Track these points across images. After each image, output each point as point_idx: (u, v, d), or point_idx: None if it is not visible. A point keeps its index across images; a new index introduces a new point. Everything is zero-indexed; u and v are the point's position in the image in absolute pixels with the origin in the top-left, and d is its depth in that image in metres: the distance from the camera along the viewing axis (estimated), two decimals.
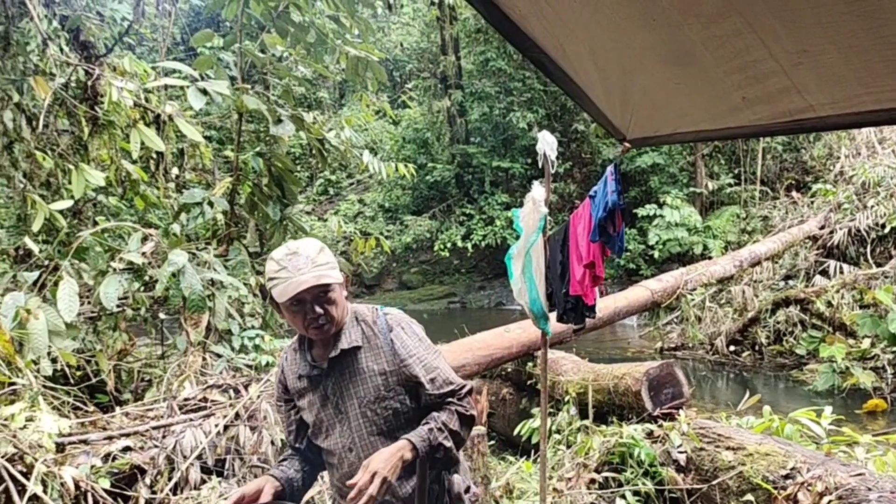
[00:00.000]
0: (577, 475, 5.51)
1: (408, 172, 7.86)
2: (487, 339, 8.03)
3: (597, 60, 2.17)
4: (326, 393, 2.45)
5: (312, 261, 2.26)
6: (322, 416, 2.46)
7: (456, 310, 21.17)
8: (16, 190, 6.20)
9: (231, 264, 6.29)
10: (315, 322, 2.31)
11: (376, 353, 2.44)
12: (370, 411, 2.40)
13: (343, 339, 2.42)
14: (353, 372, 2.42)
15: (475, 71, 22.10)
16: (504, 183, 22.31)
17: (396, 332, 2.48)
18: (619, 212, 3.06)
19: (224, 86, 5.79)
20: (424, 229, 21.52)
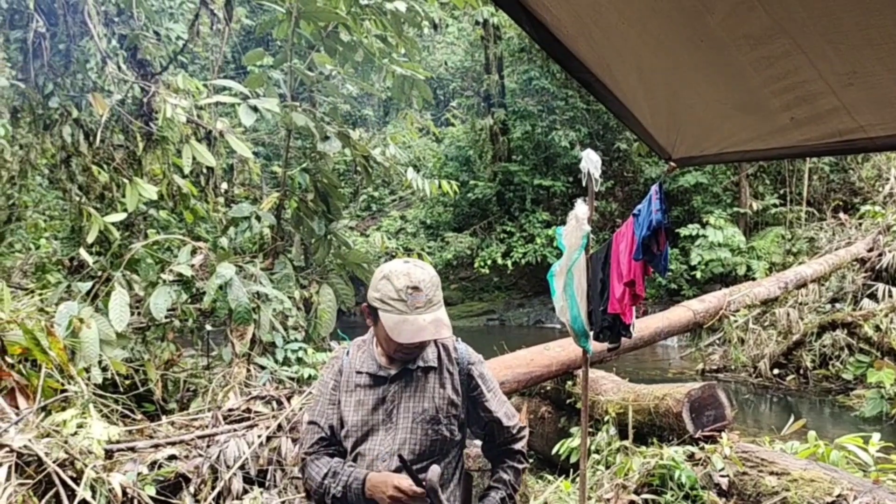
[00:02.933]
0: (616, 496, 5.46)
1: (450, 189, 7.92)
2: (527, 356, 8.02)
3: (643, 80, 2.19)
4: (385, 397, 2.45)
5: (430, 300, 2.31)
6: (369, 418, 2.46)
7: (495, 327, 21.13)
8: (72, 202, 6.41)
9: (276, 278, 6.41)
10: (406, 353, 2.41)
11: (446, 379, 2.49)
12: (421, 429, 2.41)
13: (420, 356, 2.47)
14: (418, 387, 2.45)
15: (518, 90, 22.18)
16: (545, 201, 22.27)
17: (478, 367, 2.58)
18: (663, 230, 3.06)
19: (274, 103, 5.93)
20: (465, 246, 21.57)
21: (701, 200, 20.14)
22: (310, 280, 6.64)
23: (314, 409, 2.67)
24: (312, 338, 6.57)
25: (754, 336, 12.50)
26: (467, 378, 2.52)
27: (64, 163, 6.36)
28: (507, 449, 2.63)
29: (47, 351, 4.63)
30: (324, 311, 6.60)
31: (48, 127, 6.45)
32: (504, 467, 2.58)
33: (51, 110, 6.30)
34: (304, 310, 6.60)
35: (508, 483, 2.52)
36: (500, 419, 2.57)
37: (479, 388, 2.54)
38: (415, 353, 2.42)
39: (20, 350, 4.65)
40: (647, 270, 3.38)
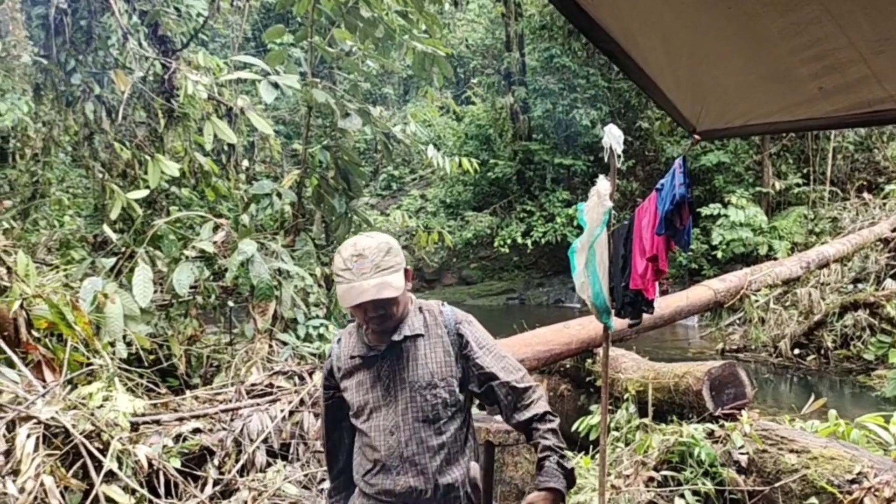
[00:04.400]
0: (635, 473, 5.46)
1: (471, 167, 7.89)
2: (547, 334, 8.02)
3: (668, 50, 2.16)
4: (380, 374, 2.46)
5: (377, 265, 2.27)
6: (369, 396, 2.48)
7: (514, 306, 21.15)
8: (95, 180, 6.47)
9: (297, 255, 6.44)
10: (374, 322, 2.38)
11: (436, 342, 2.47)
12: (419, 396, 2.41)
13: (405, 326, 2.45)
14: (409, 357, 2.45)
15: (539, 68, 22.00)
16: (565, 180, 22.16)
17: (465, 325, 2.53)
18: (686, 205, 3.03)
19: (294, 79, 5.93)
20: (485, 225, 21.54)
21: (723, 180, 19.95)
22: (331, 257, 6.66)
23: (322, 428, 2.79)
24: (334, 314, 6.61)
25: (775, 316, 12.41)
26: (457, 337, 2.50)
27: (87, 140, 6.41)
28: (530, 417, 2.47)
29: (73, 325, 4.70)
30: None
31: (71, 104, 6.49)
32: (540, 434, 2.45)
33: (73, 87, 6.34)
34: (326, 287, 6.63)
35: (554, 448, 2.40)
36: (496, 373, 2.48)
37: (469, 345, 2.49)
38: (387, 324, 2.39)
39: (46, 324, 4.72)
40: (670, 245, 3.36)
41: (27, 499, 3.56)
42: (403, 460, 2.41)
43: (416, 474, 2.40)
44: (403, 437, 2.40)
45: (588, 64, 20.93)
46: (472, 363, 2.49)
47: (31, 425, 3.85)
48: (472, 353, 2.48)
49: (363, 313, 2.35)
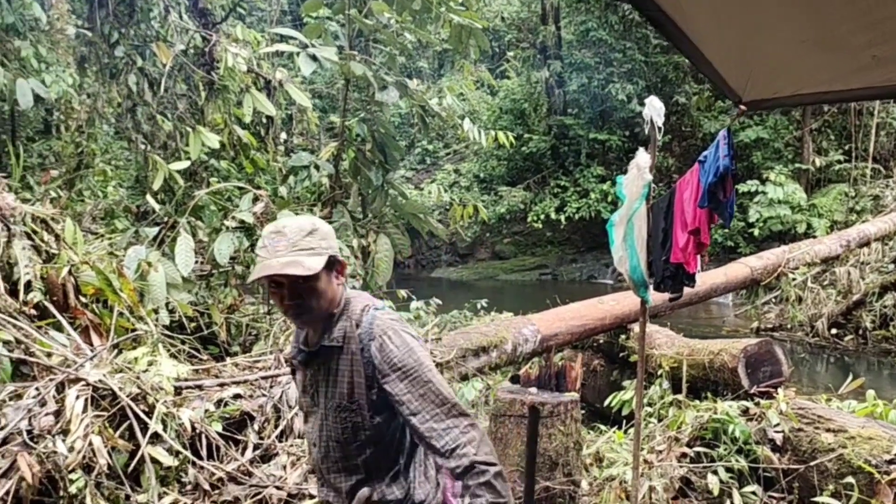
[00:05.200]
0: (668, 448, 5.46)
1: (507, 141, 7.87)
2: (581, 309, 8.03)
3: (718, 18, 2.13)
4: (306, 382, 2.32)
5: (294, 244, 2.08)
6: (303, 401, 2.37)
7: (547, 282, 21.14)
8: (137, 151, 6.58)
9: (334, 227, 6.50)
10: (288, 312, 2.18)
11: (349, 360, 2.18)
12: (332, 417, 2.22)
13: (327, 333, 2.21)
14: (328, 370, 2.22)
15: (575, 41, 21.74)
16: (600, 155, 21.96)
17: (376, 344, 2.14)
18: (730, 177, 3.01)
19: (332, 52, 5.95)
20: (518, 200, 21.49)
21: (761, 156, 19.63)
22: (367, 229, 6.73)
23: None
24: (370, 286, 6.69)
25: (812, 295, 12.24)
26: (369, 359, 2.14)
27: (130, 111, 6.52)
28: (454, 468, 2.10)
29: (118, 292, 4.82)
30: (381, 261, 6.69)
31: (114, 76, 6.61)
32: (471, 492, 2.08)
33: (116, 59, 6.45)
34: (362, 259, 6.71)
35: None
36: (414, 424, 2.10)
37: (378, 373, 2.14)
38: (303, 317, 2.16)
39: (93, 290, 4.85)
40: (713, 218, 3.34)
41: (76, 457, 3.69)
42: (324, 473, 2.31)
43: (334, 491, 2.30)
44: (320, 452, 2.28)
45: (625, 37, 20.63)
46: (384, 390, 2.14)
47: (79, 387, 3.98)
48: (381, 380, 2.13)
49: (279, 299, 2.15)
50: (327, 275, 2.15)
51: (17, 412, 3.72)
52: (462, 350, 6.29)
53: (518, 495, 4.60)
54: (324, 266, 2.11)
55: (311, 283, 2.10)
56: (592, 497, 5.05)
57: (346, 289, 2.30)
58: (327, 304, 2.17)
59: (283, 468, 4.59)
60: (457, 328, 6.98)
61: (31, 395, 3.88)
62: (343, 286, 2.27)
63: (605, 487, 5.14)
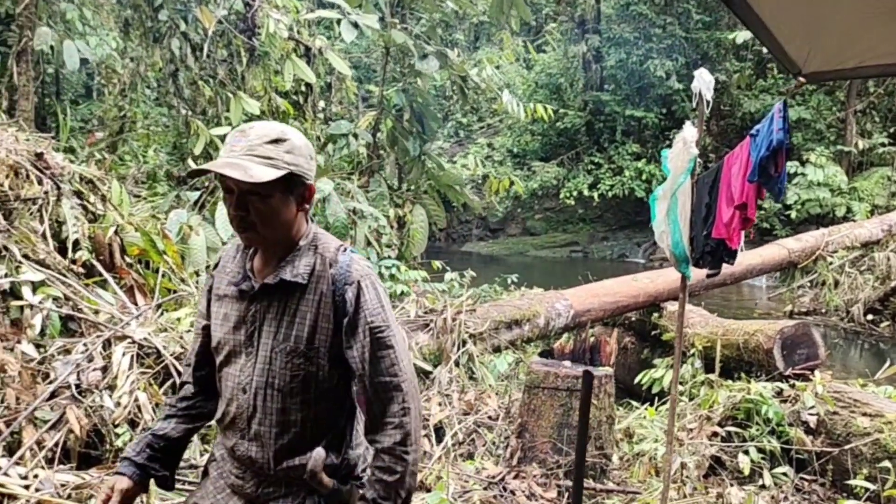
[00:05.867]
0: (699, 427, 5.46)
1: (545, 115, 7.82)
2: (614, 286, 8.00)
3: None
4: (246, 316, 1.97)
5: (250, 148, 1.82)
6: (230, 337, 2.01)
7: (578, 259, 21.06)
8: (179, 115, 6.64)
9: (371, 196, 6.54)
10: (234, 223, 1.90)
11: (316, 300, 1.92)
12: (280, 361, 1.93)
13: (288, 266, 1.92)
14: (282, 309, 1.94)
15: (614, 15, 21.42)
16: (636, 133, 21.70)
17: (355, 288, 1.91)
18: (784, 151, 2.96)
19: (374, 20, 5.94)
20: (551, 176, 21.36)
21: (802, 137, 19.25)
22: (403, 200, 6.75)
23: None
24: (405, 256, 6.72)
25: (849, 280, 12.04)
26: (341, 302, 1.90)
27: (172, 76, 6.57)
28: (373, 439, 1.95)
29: (162, 253, 4.90)
30: (416, 231, 6.72)
31: (157, 40, 6.65)
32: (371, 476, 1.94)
33: (160, 23, 6.49)
34: (398, 228, 6.74)
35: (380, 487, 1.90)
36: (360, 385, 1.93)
37: (348, 318, 1.91)
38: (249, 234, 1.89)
39: (137, 251, 4.94)
40: (761, 193, 3.29)
41: (122, 412, 3.79)
42: (250, 425, 1.97)
43: (258, 446, 1.97)
44: (254, 400, 1.95)
45: (666, 12, 20.27)
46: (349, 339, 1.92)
47: (125, 344, 4.07)
48: (349, 329, 1.92)
49: (228, 209, 1.89)
50: (284, 195, 1.86)
51: (66, 367, 3.82)
52: (495, 322, 6.32)
53: (550, 466, 4.65)
54: (281, 183, 1.83)
55: (262, 198, 1.83)
56: (623, 471, 5.08)
57: (313, 223, 2.03)
58: (282, 229, 1.90)
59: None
60: (486, 302, 7.00)
61: (80, 351, 3.98)
62: (308, 217, 2.00)
63: (635, 462, 5.16)
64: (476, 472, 4.62)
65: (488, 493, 4.36)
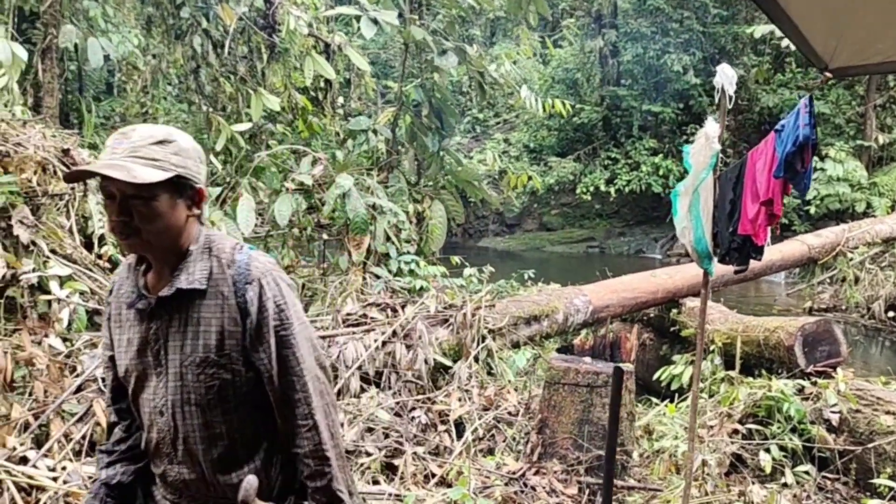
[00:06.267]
0: (720, 424, 5.44)
1: (563, 110, 7.81)
2: (633, 282, 7.99)
3: None
4: (148, 336, 1.85)
5: (134, 150, 1.71)
6: (137, 362, 1.88)
7: (594, 254, 21.01)
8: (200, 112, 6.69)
9: (390, 191, 6.57)
10: (117, 228, 1.76)
11: (219, 305, 1.81)
12: (192, 374, 1.82)
13: (183, 274, 1.80)
14: (184, 320, 1.82)
15: (631, 10, 21.33)
16: (653, 128, 21.60)
17: (261, 286, 1.81)
18: (810, 147, 2.95)
19: (393, 16, 5.96)
20: (568, 171, 21.31)
21: (821, 132, 19.07)
22: (422, 195, 6.77)
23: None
24: (424, 251, 6.75)
25: (870, 276, 11.93)
26: (244, 303, 1.80)
27: (193, 73, 6.63)
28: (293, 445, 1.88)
29: None
30: (435, 227, 6.74)
31: (179, 37, 6.71)
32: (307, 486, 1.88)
33: (181, 20, 6.54)
34: (417, 224, 6.77)
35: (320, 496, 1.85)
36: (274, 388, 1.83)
37: (252, 319, 1.81)
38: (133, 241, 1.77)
39: None
40: (786, 189, 3.28)
41: None
42: (175, 448, 1.88)
43: (189, 467, 1.88)
44: (174, 421, 1.85)
45: (683, 6, 20.15)
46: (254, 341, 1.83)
47: None
48: (254, 330, 1.81)
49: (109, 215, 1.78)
50: (172, 198, 1.75)
51: (93, 360, 3.86)
52: (514, 318, 6.33)
53: (571, 462, 4.65)
54: (168, 186, 1.73)
55: (146, 202, 1.72)
56: (643, 468, 5.07)
57: (206, 227, 1.90)
58: (169, 235, 1.78)
59: (340, 426, 4.69)
60: (504, 298, 7.01)
61: None
62: (201, 222, 1.88)
63: (655, 460, 5.15)
64: (497, 467, 4.64)
65: (509, 488, 4.37)
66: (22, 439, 3.51)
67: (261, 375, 1.84)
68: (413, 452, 4.54)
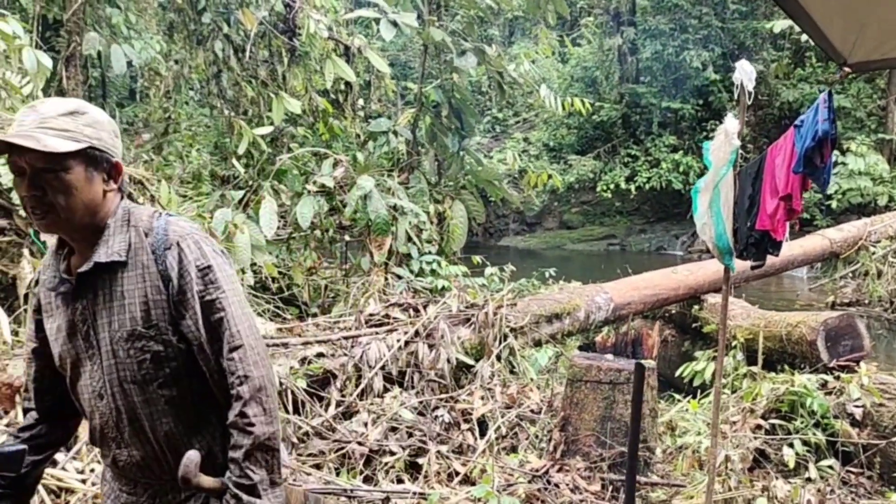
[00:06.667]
0: (742, 420, 5.43)
1: (583, 108, 7.82)
2: (654, 278, 7.98)
3: None
4: (75, 318, 1.79)
5: (42, 121, 1.65)
6: (68, 347, 1.82)
7: (615, 252, 20.94)
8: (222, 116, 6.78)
9: (411, 192, 6.62)
10: (30, 203, 1.68)
11: (140, 274, 1.75)
12: (122, 350, 1.75)
13: (102, 248, 1.74)
14: (108, 295, 1.75)
15: (650, 7, 21.24)
16: (672, 125, 21.49)
17: (180, 250, 1.76)
18: (829, 142, 2.95)
19: (412, 18, 6.00)
20: (588, 169, 21.25)
21: (842, 125, 18.87)
22: (443, 195, 6.82)
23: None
24: (445, 251, 6.79)
25: (893, 270, 11.79)
26: (164, 270, 1.74)
27: (215, 77, 6.72)
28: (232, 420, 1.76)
29: None
30: (456, 226, 6.78)
31: (201, 42, 6.80)
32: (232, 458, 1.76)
33: (203, 26, 6.63)
34: (438, 224, 6.82)
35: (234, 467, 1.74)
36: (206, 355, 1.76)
37: (174, 285, 1.74)
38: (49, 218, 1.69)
39: None
40: (806, 184, 3.28)
41: None
42: (121, 429, 1.80)
43: (138, 448, 1.80)
44: (114, 402, 1.78)
45: (701, 2, 20.04)
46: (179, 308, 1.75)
47: None
48: (177, 296, 1.74)
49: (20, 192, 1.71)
50: (87, 171, 1.69)
51: None
52: (535, 316, 6.35)
53: (594, 459, 4.67)
54: (82, 158, 1.68)
55: (58, 174, 1.65)
56: (666, 464, 5.08)
57: (125, 201, 1.83)
58: (85, 210, 1.72)
59: (364, 425, 4.75)
60: (525, 296, 7.04)
61: None
62: (119, 195, 1.81)
63: (678, 456, 5.16)
64: (520, 465, 4.67)
65: (532, 486, 4.40)
66: None
67: (191, 345, 1.77)
68: (437, 451, 4.58)
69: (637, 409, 2.37)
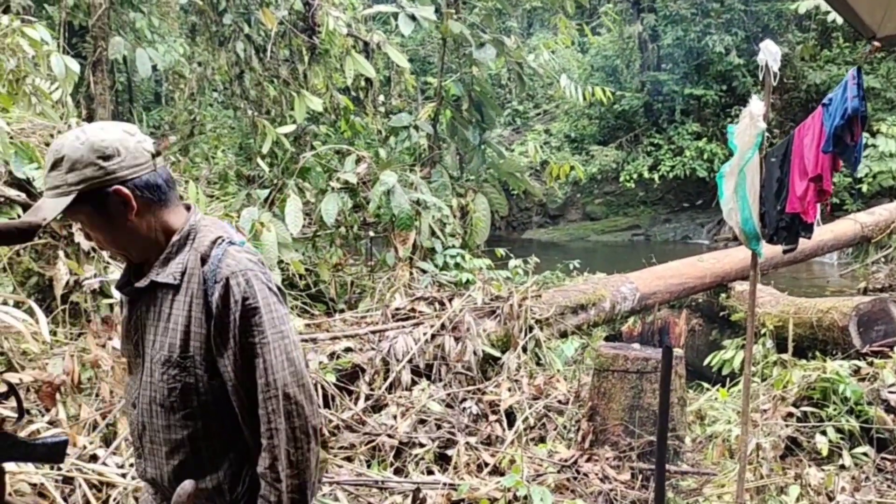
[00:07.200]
0: (773, 407, 5.38)
1: (604, 97, 7.78)
2: (680, 268, 7.94)
3: None
4: (130, 325, 1.81)
5: (46, 180, 1.65)
6: (126, 346, 1.84)
7: (640, 242, 20.80)
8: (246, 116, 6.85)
9: (434, 186, 6.64)
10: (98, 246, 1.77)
11: (188, 301, 1.69)
12: (157, 372, 1.72)
13: (160, 266, 1.72)
14: (157, 314, 1.73)
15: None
16: (695, 112, 21.24)
17: (227, 287, 1.66)
18: (859, 119, 2.91)
19: (430, 11, 6.01)
20: (610, 160, 21.08)
21: (871, 107, 18.52)
22: (465, 189, 6.83)
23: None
24: (469, 244, 6.81)
25: None
26: (211, 303, 1.67)
27: (238, 78, 6.78)
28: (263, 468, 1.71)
29: None
30: (479, 220, 6.79)
31: (222, 44, 6.88)
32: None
33: (224, 27, 6.70)
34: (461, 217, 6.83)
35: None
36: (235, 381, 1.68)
37: (216, 322, 1.67)
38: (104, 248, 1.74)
39: None
40: (836, 164, 3.24)
41: None
42: (143, 443, 1.80)
43: (153, 466, 1.80)
44: (141, 417, 1.78)
45: None
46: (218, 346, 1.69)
47: None
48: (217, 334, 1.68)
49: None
50: (95, 212, 1.66)
51: None
52: (561, 307, 6.35)
53: (623, 449, 4.67)
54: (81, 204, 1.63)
55: (82, 222, 1.71)
56: (696, 453, 5.06)
57: (194, 215, 1.79)
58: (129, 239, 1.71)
59: (393, 418, 4.79)
60: (550, 288, 7.03)
61: None
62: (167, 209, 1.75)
63: (708, 444, 5.13)
64: (549, 455, 4.68)
65: (562, 475, 4.41)
66: (91, 438, 3.64)
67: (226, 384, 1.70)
68: (465, 442, 4.61)
69: (665, 393, 2.36)
